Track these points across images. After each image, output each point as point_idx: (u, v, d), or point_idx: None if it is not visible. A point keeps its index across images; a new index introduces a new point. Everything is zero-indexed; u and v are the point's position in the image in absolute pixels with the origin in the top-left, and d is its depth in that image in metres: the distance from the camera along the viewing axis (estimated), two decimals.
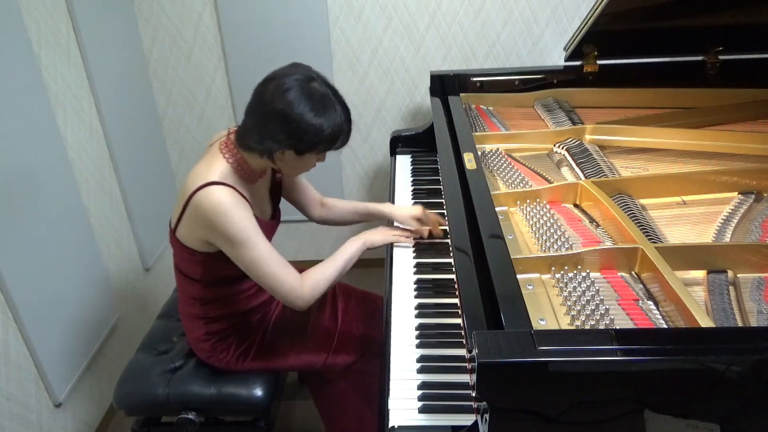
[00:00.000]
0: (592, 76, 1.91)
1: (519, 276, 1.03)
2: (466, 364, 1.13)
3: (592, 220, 1.31)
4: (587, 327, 0.99)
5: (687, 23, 1.74)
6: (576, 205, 1.38)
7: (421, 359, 1.17)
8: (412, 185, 1.86)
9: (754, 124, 1.69)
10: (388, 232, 1.55)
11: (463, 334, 1.14)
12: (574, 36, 1.74)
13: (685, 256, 1.12)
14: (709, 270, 1.12)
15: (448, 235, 1.45)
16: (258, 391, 1.46)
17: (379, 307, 1.62)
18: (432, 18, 2.24)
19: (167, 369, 1.51)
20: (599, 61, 1.89)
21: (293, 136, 1.19)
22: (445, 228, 1.55)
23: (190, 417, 1.46)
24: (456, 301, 1.31)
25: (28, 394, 1.58)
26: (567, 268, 1.12)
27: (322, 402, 1.63)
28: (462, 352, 1.18)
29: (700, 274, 1.12)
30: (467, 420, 1.00)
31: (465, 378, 1.11)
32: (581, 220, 1.31)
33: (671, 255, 1.09)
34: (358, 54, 2.31)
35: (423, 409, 1.05)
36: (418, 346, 1.21)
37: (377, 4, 2.21)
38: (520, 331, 0.83)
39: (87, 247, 1.83)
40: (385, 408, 1.07)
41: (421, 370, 1.14)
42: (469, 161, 1.44)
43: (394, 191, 1.83)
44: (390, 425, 1.02)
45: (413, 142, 2.07)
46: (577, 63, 1.90)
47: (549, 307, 1.06)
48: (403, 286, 1.39)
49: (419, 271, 1.44)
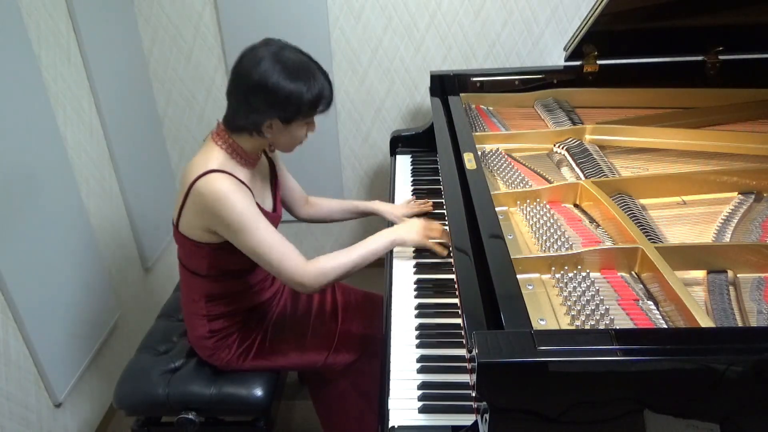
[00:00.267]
0: (592, 76, 1.91)
1: (519, 276, 1.03)
2: (466, 364, 1.13)
3: (592, 220, 1.31)
4: (587, 327, 0.99)
5: (687, 23, 1.74)
6: (576, 205, 1.38)
7: (421, 359, 1.17)
8: (412, 185, 1.86)
9: (754, 124, 1.69)
10: (425, 236, 1.42)
11: (463, 334, 1.14)
12: (574, 36, 1.74)
13: (685, 256, 1.12)
14: (709, 270, 1.12)
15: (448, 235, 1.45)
16: (258, 391, 1.46)
17: (380, 307, 1.62)
18: (432, 18, 2.24)
19: (167, 369, 1.51)
20: (599, 61, 1.89)
21: (274, 104, 1.22)
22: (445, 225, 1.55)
23: (190, 417, 1.46)
24: (456, 301, 1.31)
25: (28, 394, 1.58)
26: (567, 268, 1.12)
27: (322, 402, 1.63)
28: (462, 352, 1.18)
29: (700, 274, 1.12)
30: (467, 420, 1.00)
31: (465, 378, 1.11)
32: (581, 220, 1.31)
33: (671, 255, 1.09)
34: (358, 54, 2.31)
35: (423, 409, 1.05)
36: (418, 346, 1.21)
37: (377, 4, 2.21)
38: (520, 331, 0.83)
39: (87, 247, 1.83)
40: (385, 408, 1.07)
41: (421, 370, 1.14)
42: (469, 161, 1.44)
43: (394, 191, 1.83)
44: (390, 425, 1.02)
45: (413, 142, 2.07)
46: (577, 63, 1.90)
47: (549, 307, 1.06)
48: (403, 286, 1.39)
49: (419, 271, 1.44)
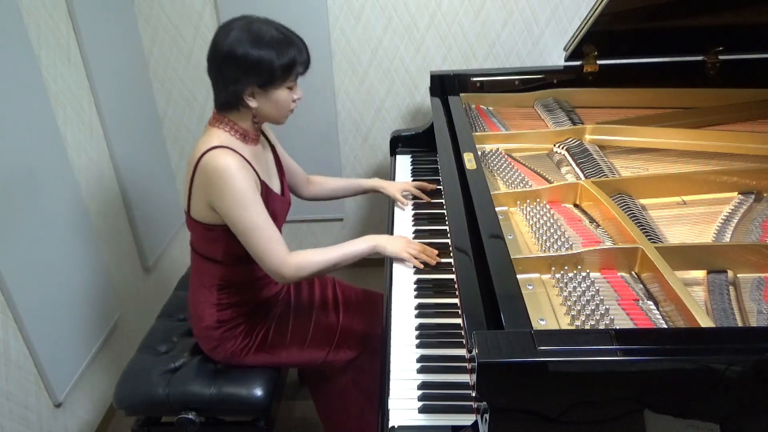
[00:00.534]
0: (592, 76, 1.91)
1: (519, 276, 1.03)
2: (466, 364, 1.13)
3: (592, 220, 1.31)
4: (587, 327, 0.99)
5: (687, 23, 1.74)
6: (576, 205, 1.38)
7: (421, 359, 1.17)
8: None
9: (754, 124, 1.69)
10: (404, 248, 1.44)
11: (463, 334, 1.14)
12: (574, 36, 1.74)
13: (685, 256, 1.12)
14: (709, 270, 1.12)
15: (448, 234, 1.45)
16: (258, 391, 1.46)
17: (380, 305, 1.62)
18: (432, 18, 2.24)
19: (167, 369, 1.51)
20: (599, 61, 1.89)
21: (247, 71, 1.24)
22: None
23: (190, 417, 1.46)
24: (456, 301, 1.31)
25: (28, 394, 1.58)
26: (567, 268, 1.12)
27: (323, 399, 1.64)
28: (462, 352, 1.18)
29: (700, 274, 1.12)
30: (467, 420, 1.00)
31: (465, 378, 1.11)
32: (581, 220, 1.31)
33: (671, 255, 1.09)
34: (358, 54, 2.31)
35: (423, 409, 1.05)
36: (418, 346, 1.21)
37: (377, 4, 2.21)
38: (520, 331, 0.83)
39: (87, 247, 1.83)
40: (385, 408, 1.07)
41: (421, 370, 1.14)
42: (469, 161, 1.44)
43: None
44: (390, 425, 1.02)
45: (413, 142, 2.07)
46: (577, 63, 1.90)
47: (549, 307, 1.06)
48: (403, 286, 1.39)
49: (419, 271, 1.44)
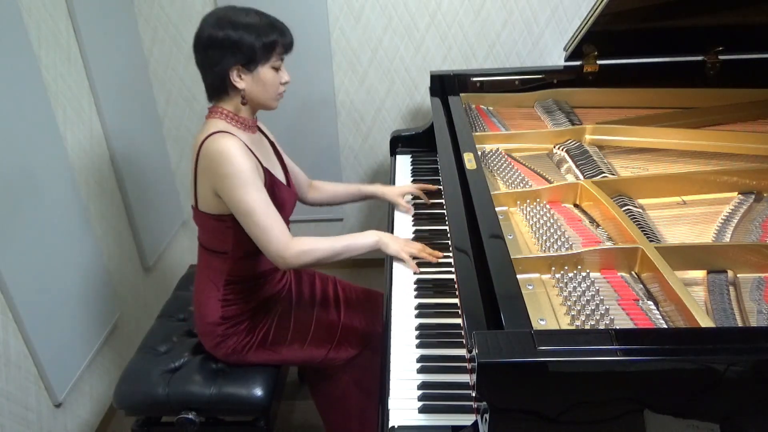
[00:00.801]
0: (592, 76, 1.91)
1: (519, 276, 1.02)
2: (466, 364, 1.13)
3: (592, 220, 1.31)
4: (587, 327, 0.99)
5: (687, 23, 1.74)
6: (576, 205, 1.38)
7: (421, 359, 1.17)
8: None
9: (754, 124, 1.69)
10: (403, 249, 1.45)
11: (463, 334, 1.14)
12: (574, 36, 1.74)
13: (685, 256, 1.12)
14: (709, 270, 1.12)
15: (448, 234, 1.45)
16: (258, 391, 1.46)
17: (380, 303, 1.63)
18: (432, 18, 2.24)
19: (167, 369, 1.51)
20: (599, 61, 1.89)
21: (230, 50, 1.27)
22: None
23: (190, 417, 1.46)
24: (456, 301, 1.31)
25: (28, 394, 1.58)
26: (567, 268, 1.12)
27: (323, 398, 1.64)
28: (462, 352, 1.18)
29: (700, 274, 1.12)
30: (467, 420, 1.00)
31: (465, 378, 1.11)
32: (581, 220, 1.31)
33: (671, 255, 1.09)
34: (358, 54, 2.31)
35: (423, 409, 1.05)
36: (418, 346, 1.21)
37: (377, 4, 2.21)
38: (520, 331, 0.83)
39: (87, 247, 1.83)
40: (385, 408, 1.07)
41: (421, 370, 1.14)
42: (469, 161, 1.44)
43: None
44: (390, 425, 1.02)
45: (413, 142, 2.08)
46: (577, 63, 1.90)
47: (549, 307, 1.06)
48: (403, 286, 1.39)
49: (419, 271, 1.44)
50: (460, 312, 1.15)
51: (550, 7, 2.21)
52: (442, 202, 1.64)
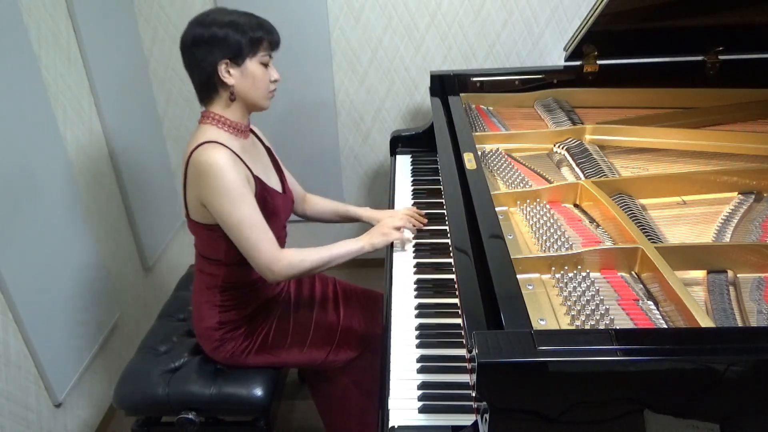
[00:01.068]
0: (592, 76, 1.91)
1: (519, 276, 1.02)
2: (466, 364, 1.13)
3: (592, 220, 1.31)
4: (587, 327, 0.99)
5: (687, 23, 1.74)
6: (576, 205, 1.38)
7: (421, 359, 1.17)
8: (412, 185, 1.86)
9: (754, 124, 1.69)
10: (390, 234, 1.50)
11: (463, 334, 1.14)
12: (574, 36, 1.74)
13: (685, 256, 1.12)
14: (709, 270, 1.12)
15: (448, 234, 1.45)
16: (258, 391, 1.46)
17: (380, 304, 1.62)
18: (432, 18, 2.24)
19: (167, 369, 1.51)
20: (599, 61, 1.89)
21: (216, 46, 1.27)
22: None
23: (190, 417, 1.46)
24: (456, 301, 1.31)
25: (28, 394, 1.58)
26: (567, 268, 1.12)
27: (323, 400, 1.64)
28: (462, 352, 1.18)
29: (700, 274, 1.12)
30: (467, 420, 1.00)
31: (465, 378, 1.11)
32: (581, 220, 1.31)
33: (671, 255, 1.09)
34: (358, 54, 2.31)
35: (423, 409, 1.05)
36: (418, 346, 1.21)
37: (377, 4, 2.21)
38: (520, 331, 0.83)
39: (87, 247, 1.83)
40: (385, 408, 1.07)
41: (421, 370, 1.14)
42: (469, 161, 1.44)
43: (394, 191, 1.83)
44: (390, 425, 1.02)
45: (413, 142, 2.07)
46: (577, 63, 1.89)
47: (549, 307, 1.06)
48: (403, 286, 1.39)
49: (419, 271, 1.44)
50: (460, 312, 1.14)
51: (550, 7, 2.21)
52: (442, 202, 1.64)
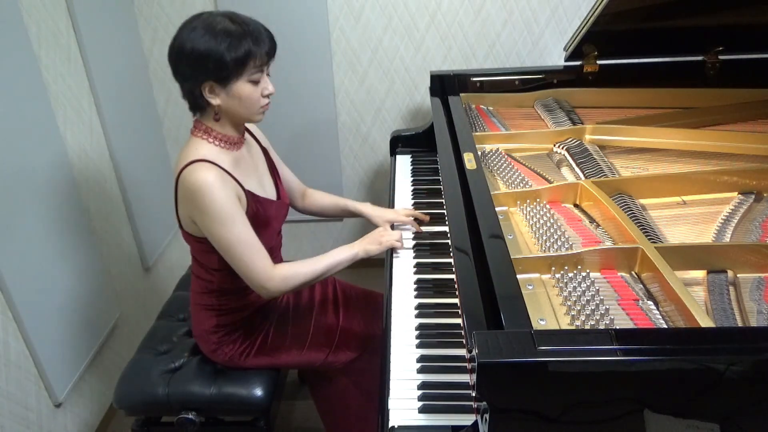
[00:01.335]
0: (592, 76, 1.91)
1: (519, 276, 1.03)
2: (466, 364, 1.13)
3: (592, 220, 1.31)
4: (587, 327, 0.99)
5: (687, 23, 1.74)
6: (576, 205, 1.38)
7: (421, 359, 1.17)
8: (412, 185, 1.86)
9: (754, 124, 1.69)
10: (383, 241, 1.49)
11: (463, 334, 1.14)
12: (574, 36, 1.74)
13: (685, 256, 1.12)
14: (709, 270, 1.12)
15: (448, 234, 1.45)
16: (258, 391, 1.46)
17: (380, 305, 1.62)
18: (432, 18, 2.24)
19: (167, 369, 1.51)
20: (599, 61, 1.89)
21: (198, 65, 1.21)
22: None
23: (190, 417, 1.46)
24: (456, 301, 1.31)
25: (28, 394, 1.58)
26: (567, 268, 1.12)
27: (323, 401, 1.64)
28: (462, 352, 1.18)
29: (700, 274, 1.12)
30: (467, 420, 1.00)
31: (465, 378, 1.11)
32: (581, 220, 1.31)
33: (671, 255, 1.09)
34: (358, 54, 2.31)
35: (423, 409, 1.05)
36: (418, 346, 1.21)
37: (377, 4, 2.21)
38: (520, 331, 0.83)
39: (87, 247, 1.83)
40: (385, 408, 1.07)
41: (421, 370, 1.14)
42: (469, 161, 1.44)
43: (394, 191, 1.83)
44: (390, 425, 1.02)
45: (413, 142, 2.07)
46: (577, 63, 1.89)
47: (549, 307, 1.06)
48: (403, 286, 1.39)
49: (419, 271, 1.44)
50: (460, 312, 1.15)
51: (550, 7, 2.21)
52: (442, 202, 1.64)
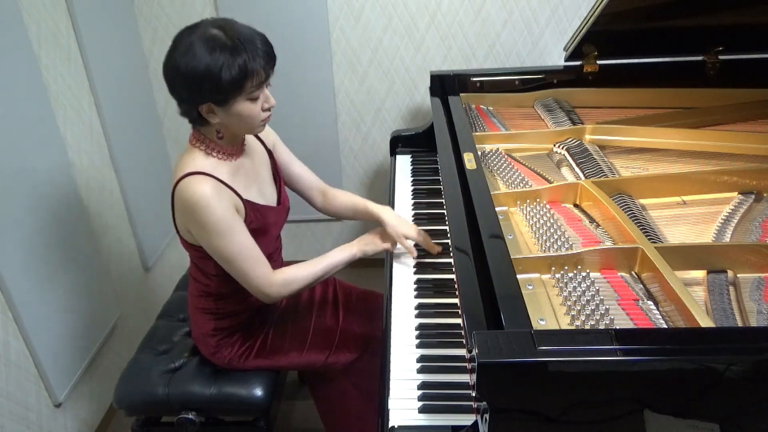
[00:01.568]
0: (592, 76, 1.91)
1: (519, 276, 1.03)
2: (466, 364, 1.13)
3: (592, 220, 1.31)
4: (587, 327, 0.99)
5: (687, 23, 1.74)
6: (576, 205, 1.38)
7: (421, 359, 1.17)
8: (412, 185, 1.86)
9: (754, 124, 1.69)
10: (379, 243, 1.49)
11: (463, 334, 1.14)
12: (574, 36, 1.74)
13: (685, 256, 1.12)
14: (709, 270, 1.12)
15: (448, 234, 1.45)
16: (258, 391, 1.46)
17: (380, 305, 1.62)
18: (432, 18, 2.24)
19: (167, 369, 1.51)
20: (599, 61, 1.89)
21: (194, 89, 1.17)
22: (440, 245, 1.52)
23: (190, 417, 1.46)
24: (456, 301, 1.31)
25: (28, 394, 1.58)
26: (567, 268, 1.12)
27: (323, 401, 1.63)
28: (462, 352, 1.18)
29: (700, 274, 1.12)
30: (467, 420, 1.00)
31: (465, 378, 1.11)
32: (581, 220, 1.31)
33: (671, 255, 1.09)
34: (358, 54, 2.31)
35: (423, 409, 1.05)
36: (418, 346, 1.21)
37: (377, 4, 2.21)
38: (520, 331, 0.83)
39: (87, 247, 1.83)
40: (385, 408, 1.07)
41: (421, 370, 1.14)
42: (469, 161, 1.44)
43: (394, 191, 1.83)
44: (390, 425, 1.02)
45: (413, 142, 2.07)
46: (577, 63, 1.89)
47: (549, 307, 1.06)
48: (403, 286, 1.39)
49: (419, 271, 1.44)
50: (460, 312, 1.15)
51: (550, 7, 2.21)
52: (442, 202, 1.64)
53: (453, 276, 1.39)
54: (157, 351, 1.58)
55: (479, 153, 1.51)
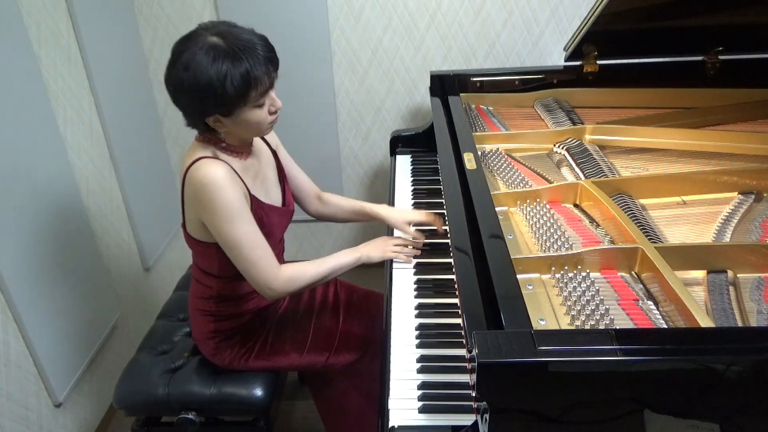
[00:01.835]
0: (592, 76, 1.91)
1: (519, 276, 1.03)
2: (466, 364, 1.13)
3: (592, 220, 1.31)
4: (587, 327, 0.99)
5: (687, 23, 1.74)
6: (576, 205, 1.38)
7: (421, 359, 1.17)
8: (412, 185, 1.86)
9: (754, 124, 1.69)
10: (387, 249, 1.48)
11: (463, 334, 1.14)
12: (574, 36, 1.74)
13: (685, 256, 1.12)
14: (709, 270, 1.12)
15: (448, 235, 1.45)
16: (258, 391, 1.46)
17: (381, 306, 1.62)
18: (432, 18, 2.24)
19: (167, 369, 1.51)
20: (599, 61, 1.89)
21: (199, 104, 1.17)
22: (445, 228, 1.54)
23: (190, 417, 1.46)
24: (456, 301, 1.31)
25: (28, 394, 1.58)
26: (567, 268, 1.12)
27: (323, 402, 1.64)
28: (462, 352, 1.18)
29: (700, 274, 1.12)
30: (467, 420, 1.00)
31: (465, 378, 1.11)
32: (581, 220, 1.31)
33: (671, 255, 1.09)
34: (358, 54, 2.31)
35: (423, 409, 1.05)
36: (418, 346, 1.21)
37: (377, 4, 2.21)
38: (520, 331, 0.83)
39: (87, 247, 1.83)
40: (385, 408, 1.07)
41: (421, 370, 1.14)
42: (469, 161, 1.44)
43: (394, 191, 1.83)
44: (390, 425, 1.02)
45: (413, 142, 2.07)
46: (577, 63, 1.89)
47: (549, 307, 1.06)
48: (403, 286, 1.39)
49: (419, 271, 1.44)
50: (460, 312, 1.15)
51: (550, 7, 2.21)
52: (442, 202, 1.64)
53: (453, 276, 1.39)
54: (157, 351, 1.58)
55: (479, 153, 1.51)
